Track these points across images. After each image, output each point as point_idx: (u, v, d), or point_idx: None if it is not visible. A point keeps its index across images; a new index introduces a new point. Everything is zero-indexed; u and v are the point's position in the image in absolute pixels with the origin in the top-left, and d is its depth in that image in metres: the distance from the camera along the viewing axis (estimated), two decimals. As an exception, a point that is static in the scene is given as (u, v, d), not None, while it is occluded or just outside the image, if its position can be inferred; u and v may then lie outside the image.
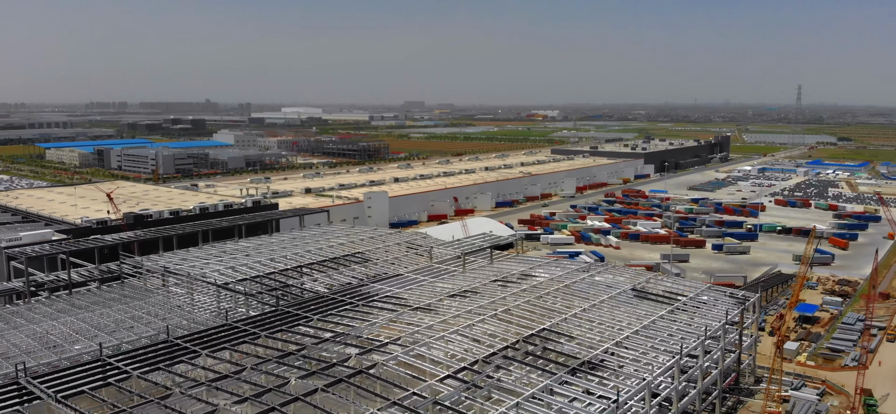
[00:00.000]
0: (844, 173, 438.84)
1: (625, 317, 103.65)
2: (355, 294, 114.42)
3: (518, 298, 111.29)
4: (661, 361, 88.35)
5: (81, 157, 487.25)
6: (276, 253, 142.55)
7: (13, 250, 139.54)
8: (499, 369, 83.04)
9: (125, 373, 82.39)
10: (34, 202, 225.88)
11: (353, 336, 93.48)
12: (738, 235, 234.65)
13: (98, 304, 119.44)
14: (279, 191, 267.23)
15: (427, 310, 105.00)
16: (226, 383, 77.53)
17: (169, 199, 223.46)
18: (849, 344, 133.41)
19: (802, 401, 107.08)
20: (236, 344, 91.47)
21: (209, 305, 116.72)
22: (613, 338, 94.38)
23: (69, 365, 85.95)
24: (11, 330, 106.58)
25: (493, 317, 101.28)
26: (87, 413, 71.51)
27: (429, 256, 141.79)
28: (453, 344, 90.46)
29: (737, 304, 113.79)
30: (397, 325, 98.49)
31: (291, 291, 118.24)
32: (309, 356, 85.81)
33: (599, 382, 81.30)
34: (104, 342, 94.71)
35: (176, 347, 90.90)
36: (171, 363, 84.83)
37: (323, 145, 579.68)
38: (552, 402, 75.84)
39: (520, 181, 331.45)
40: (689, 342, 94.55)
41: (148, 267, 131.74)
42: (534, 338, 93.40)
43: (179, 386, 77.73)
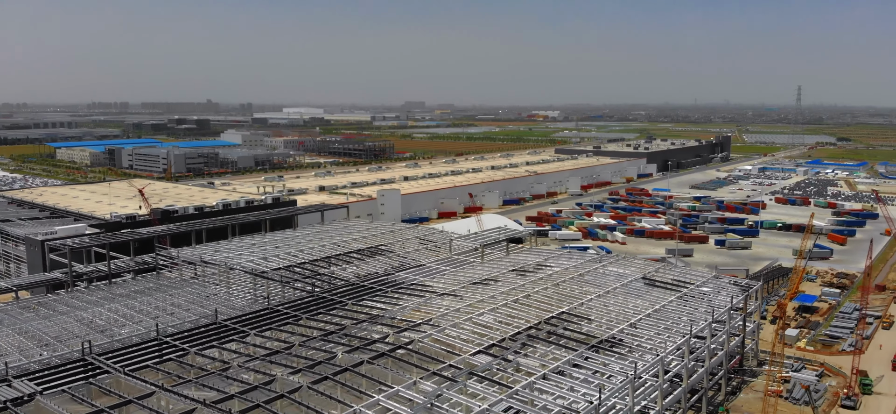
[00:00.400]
0: (843, 173, 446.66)
1: (637, 302, 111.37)
2: (383, 282, 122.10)
3: (536, 285, 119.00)
4: (672, 342, 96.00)
5: (92, 156, 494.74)
6: (303, 245, 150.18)
7: (55, 242, 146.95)
8: (524, 346, 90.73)
9: (182, 349, 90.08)
10: (59, 199, 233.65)
11: (387, 318, 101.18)
12: (740, 231, 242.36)
13: (138, 293, 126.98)
14: (294, 189, 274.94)
15: (452, 295, 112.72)
16: (278, 358, 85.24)
17: (190, 197, 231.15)
18: (846, 331, 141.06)
19: (802, 381, 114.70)
20: (281, 325, 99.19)
21: (245, 293, 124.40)
22: (627, 320, 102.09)
23: (127, 345, 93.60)
24: (60, 316, 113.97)
25: (514, 302, 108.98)
26: (160, 384, 79.00)
27: (448, 249, 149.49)
28: (480, 325, 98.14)
29: (740, 291, 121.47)
30: (426, 308, 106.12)
31: (323, 279, 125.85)
32: (350, 334, 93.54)
33: (618, 358, 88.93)
34: (150, 327, 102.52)
35: (224, 327, 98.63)
36: (224, 341, 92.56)
37: (329, 145, 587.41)
38: (575, 373, 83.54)
39: (526, 180, 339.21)
40: (697, 325, 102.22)
41: (183, 258, 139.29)
42: (554, 320, 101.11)
43: (235, 361, 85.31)
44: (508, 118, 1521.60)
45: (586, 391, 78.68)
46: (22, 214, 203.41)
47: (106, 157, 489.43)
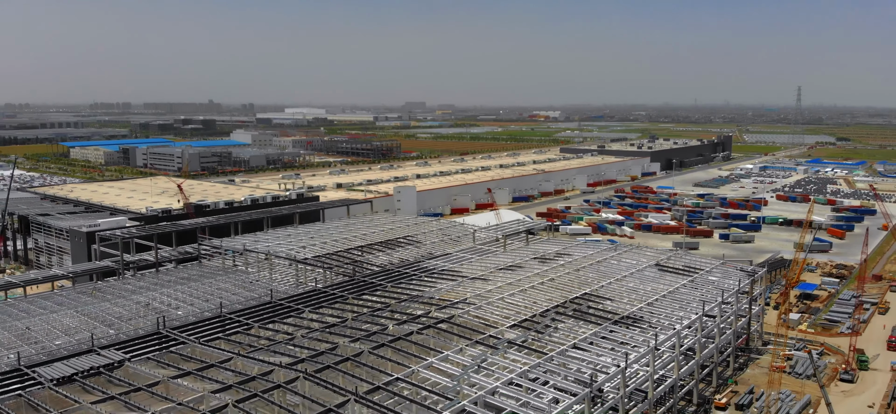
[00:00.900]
0: (842, 171, 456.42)
1: (652, 285, 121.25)
2: (416, 268, 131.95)
3: (558, 270, 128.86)
4: (686, 319, 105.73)
5: (106, 155, 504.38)
6: (334, 236, 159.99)
7: (104, 234, 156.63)
8: (554, 321, 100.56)
9: (246, 324, 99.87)
10: (89, 195, 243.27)
11: (426, 298, 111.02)
12: (743, 226, 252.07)
13: (187, 279, 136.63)
14: (313, 186, 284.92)
15: (482, 279, 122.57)
16: (336, 329, 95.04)
17: (215, 193, 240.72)
18: (844, 316, 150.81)
19: (804, 358, 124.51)
20: (331, 303, 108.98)
21: (288, 278, 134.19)
22: (645, 300, 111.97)
23: (194, 321, 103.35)
24: (119, 298, 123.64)
25: (540, 284, 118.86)
26: (235, 351, 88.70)
27: (472, 239, 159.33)
28: (511, 303, 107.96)
29: (747, 277, 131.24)
30: (459, 290, 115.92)
31: (359, 265, 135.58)
32: (395, 310, 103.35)
33: (638, 331, 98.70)
34: (211, 306, 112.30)
35: (280, 306, 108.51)
36: (283, 317, 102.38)
37: (337, 144, 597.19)
38: (601, 344, 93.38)
39: (534, 178, 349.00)
40: (708, 305, 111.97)
41: (227, 247, 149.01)
42: (577, 299, 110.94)
43: (297, 332, 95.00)
44: (510, 118, 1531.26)
45: (612, 359, 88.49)
46: (57, 208, 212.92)
47: (120, 157, 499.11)
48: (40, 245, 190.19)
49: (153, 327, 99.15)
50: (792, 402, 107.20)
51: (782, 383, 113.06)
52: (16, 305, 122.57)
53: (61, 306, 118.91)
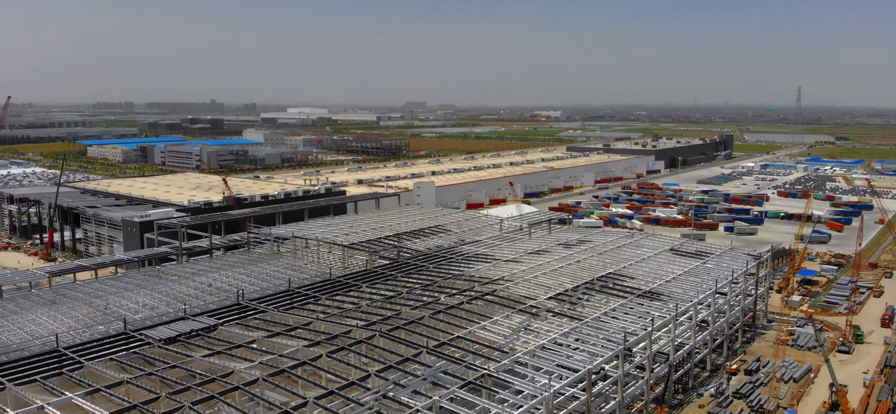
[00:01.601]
0: (841, 170, 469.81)
1: (668, 266, 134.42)
2: (452, 252, 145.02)
3: (582, 254, 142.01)
4: (700, 295, 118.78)
5: (124, 153, 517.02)
6: (371, 225, 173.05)
7: (162, 222, 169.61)
8: (584, 294, 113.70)
9: (314, 297, 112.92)
10: (125, 189, 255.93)
11: (467, 276, 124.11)
12: (747, 219, 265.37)
13: (241, 262, 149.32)
14: (336, 182, 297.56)
15: (515, 262, 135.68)
16: (395, 300, 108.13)
17: (246, 188, 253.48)
18: (842, 298, 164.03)
19: (805, 333, 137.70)
20: (384, 280, 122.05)
21: (335, 262, 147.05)
22: (663, 278, 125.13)
23: (265, 295, 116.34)
24: (186, 279, 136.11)
25: (568, 266, 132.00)
26: (315, 316, 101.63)
27: (499, 227, 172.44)
28: (545, 280, 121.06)
29: (753, 260, 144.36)
30: (496, 270, 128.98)
31: (400, 250, 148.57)
32: (443, 286, 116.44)
33: (660, 304, 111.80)
34: (278, 283, 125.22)
35: (339, 282, 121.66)
36: (345, 291, 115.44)
37: (347, 143, 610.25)
38: (628, 313, 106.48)
39: (544, 175, 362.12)
40: (719, 283, 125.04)
41: (276, 235, 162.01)
42: (603, 278, 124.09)
43: (362, 302, 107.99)
44: (512, 118, 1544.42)
45: (639, 325, 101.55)
46: (99, 202, 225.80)
47: (138, 155, 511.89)
48: (90, 235, 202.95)
49: (232, 300, 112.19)
50: (795, 368, 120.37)
51: (786, 354, 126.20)
52: (86, 287, 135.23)
53: (134, 287, 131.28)
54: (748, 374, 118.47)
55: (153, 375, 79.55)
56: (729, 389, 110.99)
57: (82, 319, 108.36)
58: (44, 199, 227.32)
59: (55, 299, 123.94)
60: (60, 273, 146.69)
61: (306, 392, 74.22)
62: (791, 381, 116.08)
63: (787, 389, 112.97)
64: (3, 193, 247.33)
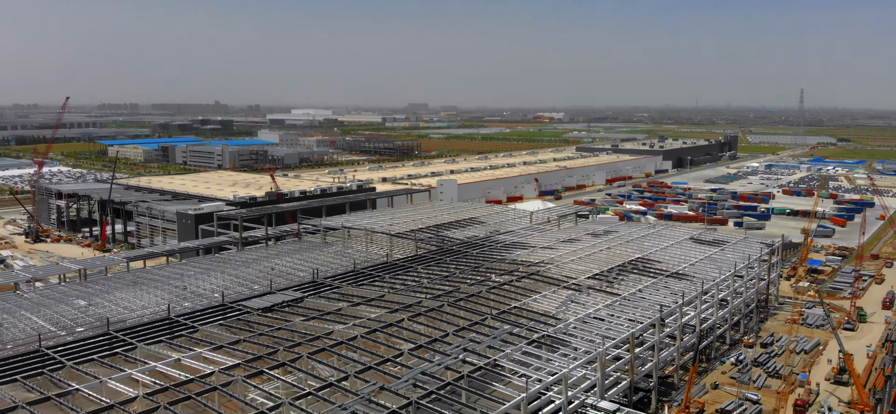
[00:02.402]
0: (843, 170, 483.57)
1: (690, 252, 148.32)
2: (490, 241, 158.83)
3: (610, 242, 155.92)
4: (721, 275, 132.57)
5: (145, 153, 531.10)
6: (410, 217, 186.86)
7: (222, 213, 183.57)
8: (619, 275, 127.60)
9: (378, 276, 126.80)
10: (166, 185, 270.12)
11: (509, 259, 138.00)
12: (755, 215, 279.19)
13: (298, 250, 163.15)
14: (362, 180, 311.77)
15: (550, 249, 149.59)
16: (451, 279, 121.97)
17: (281, 185, 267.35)
18: (846, 285, 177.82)
19: (814, 314, 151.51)
20: (436, 264, 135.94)
21: (383, 250, 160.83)
22: (687, 262, 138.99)
23: (335, 274, 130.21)
24: (252, 264, 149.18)
25: (599, 252, 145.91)
26: (384, 292, 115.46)
27: (530, 219, 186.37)
28: (581, 264, 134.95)
29: (766, 247, 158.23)
30: (534, 255, 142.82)
31: (442, 239, 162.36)
32: (491, 268, 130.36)
33: (686, 283, 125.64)
34: (337, 266, 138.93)
35: (396, 265, 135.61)
36: (404, 272, 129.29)
37: (360, 144, 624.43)
38: (659, 290, 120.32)
39: (558, 174, 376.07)
40: (737, 266, 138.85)
41: (326, 225, 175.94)
42: (633, 262, 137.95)
43: (422, 281, 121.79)
44: (515, 119, 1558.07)
45: (669, 300, 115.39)
46: (147, 197, 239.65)
47: (159, 154, 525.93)
48: (142, 228, 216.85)
49: (307, 279, 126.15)
50: (805, 342, 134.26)
51: (797, 331, 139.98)
52: (160, 271, 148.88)
53: (205, 271, 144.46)
54: (764, 346, 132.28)
55: (263, 335, 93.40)
56: (747, 358, 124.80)
57: (171, 297, 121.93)
58: (90, 195, 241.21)
59: (136, 281, 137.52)
60: (135, 259, 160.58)
61: (400, 346, 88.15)
62: (802, 353, 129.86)
63: (799, 359, 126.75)
64: (50, 190, 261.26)
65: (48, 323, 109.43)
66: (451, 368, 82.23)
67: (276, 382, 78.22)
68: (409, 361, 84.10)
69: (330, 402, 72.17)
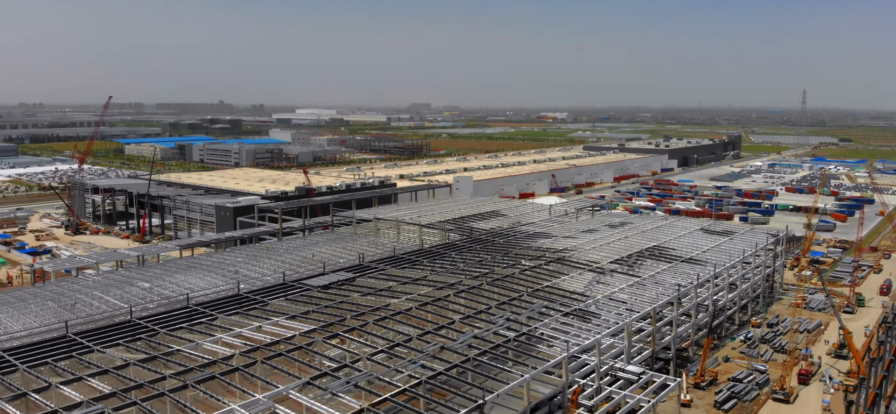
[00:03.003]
0: (845, 168, 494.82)
1: (701, 241, 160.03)
2: (513, 232, 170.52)
3: (627, 233, 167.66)
4: (730, 261, 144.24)
5: (162, 151, 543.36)
6: (435, 210, 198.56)
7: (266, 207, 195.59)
8: (638, 260, 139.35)
9: (417, 260, 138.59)
10: (196, 181, 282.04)
11: (535, 247, 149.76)
12: (759, 211, 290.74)
13: (335, 239, 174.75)
14: (381, 177, 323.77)
15: (571, 238, 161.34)
16: (484, 263, 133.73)
17: (303, 181, 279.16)
18: (846, 274, 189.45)
19: (817, 299, 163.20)
20: (469, 251, 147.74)
21: (414, 240, 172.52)
22: (699, 250, 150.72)
23: (377, 258, 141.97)
24: (295, 251, 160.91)
25: (617, 241, 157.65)
26: (425, 275, 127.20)
27: (549, 212, 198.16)
28: (602, 252, 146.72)
29: (772, 237, 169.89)
30: (557, 243, 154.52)
31: (468, 230, 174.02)
32: (519, 254, 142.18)
33: (700, 267, 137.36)
34: (376, 253, 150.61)
35: (431, 252, 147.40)
36: (441, 258, 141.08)
37: (370, 143, 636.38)
38: (676, 273, 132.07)
39: (567, 171, 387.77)
40: (745, 253, 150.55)
41: (359, 217, 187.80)
42: (649, 249, 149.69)
43: (459, 264, 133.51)
44: (518, 119, 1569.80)
45: (685, 282, 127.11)
46: (181, 192, 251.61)
47: (176, 152, 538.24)
48: (179, 220, 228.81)
49: (354, 261, 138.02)
50: (808, 323, 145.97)
51: (801, 314, 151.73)
52: (209, 259, 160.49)
53: (252, 259, 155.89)
54: (770, 326, 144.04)
55: (329, 307, 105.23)
56: (755, 336, 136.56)
57: (227, 279, 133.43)
58: (126, 190, 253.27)
59: (191, 266, 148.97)
60: (186, 246, 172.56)
61: (450, 316, 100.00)
62: (805, 332, 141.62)
63: (802, 337, 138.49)
64: (86, 185, 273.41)
65: (121, 301, 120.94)
66: (499, 333, 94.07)
67: (350, 343, 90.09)
68: (460, 329, 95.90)
69: (401, 357, 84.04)
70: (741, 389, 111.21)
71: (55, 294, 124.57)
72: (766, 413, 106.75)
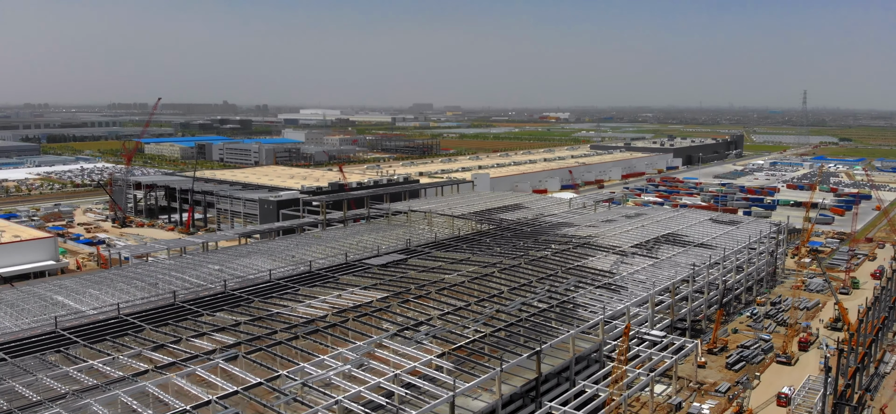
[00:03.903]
0: (844, 167, 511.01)
1: (710, 229, 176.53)
2: (539, 221, 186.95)
3: (643, 222, 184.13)
4: (737, 246, 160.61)
5: (182, 151, 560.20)
6: (463, 203, 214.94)
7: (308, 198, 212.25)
8: (656, 245, 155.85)
9: (458, 246, 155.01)
10: (230, 177, 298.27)
11: (561, 234, 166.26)
12: (762, 206, 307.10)
13: (374, 229, 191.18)
14: (402, 174, 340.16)
15: (592, 227, 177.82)
16: (518, 247, 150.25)
17: (331, 178, 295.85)
18: (842, 261, 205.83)
19: (814, 283, 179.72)
20: (499, 239, 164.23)
21: (445, 228, 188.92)
22: (709, 236, 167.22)
23: (422, 243, 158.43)
24: (339, 239, 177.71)
25: (635, 229, 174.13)
26: (467, 256, 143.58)
27: (568, 205, 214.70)
28: (623, 238, 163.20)
29: (774, 226, 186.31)
30: (581, 232, 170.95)
31: (496, 221, 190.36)
32: (549, 239, 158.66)
33: (711, 251, 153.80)
34: (419, 238, 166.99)
35: (468, 238, 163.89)
36: (478, 243, 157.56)
37: (382, 143, 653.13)
38: (690, 255, 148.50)
39: (577, 169, 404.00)
40: (751, 239, 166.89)
41: (394, 209, 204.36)
42: (664, 236, 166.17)
43: (495, 249, 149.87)
44: (522, 120, 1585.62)
45: (698, 262, 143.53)
46: (220, 188, 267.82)
47: (195, 152, 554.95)
48: (222, 212, 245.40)
49: (402, 246, 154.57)
50: (807, 302, 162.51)
51: (801, 294, 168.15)
52: (266, 245, 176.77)
53: (303, 245, 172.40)
54: (773, 305, 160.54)
55: (392, 282, 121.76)
56: (760, 312, 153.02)
57: (286, 263, 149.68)
58: (164, 185, 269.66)
59: (250, 253, 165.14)
60: (243, 235, 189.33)
61: (498, 288, 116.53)
62: (805, 309, 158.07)
63: (802, 314, 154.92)
64: (129, 181, 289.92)
65: (200, 280, 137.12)
66: (542, 301, 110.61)
67: (419, 307, 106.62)
68: (509, 298, 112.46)
69: (464, 318, 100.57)
70: (749, 354, 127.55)
71: (137, 275, 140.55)
72: (770, 373, 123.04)
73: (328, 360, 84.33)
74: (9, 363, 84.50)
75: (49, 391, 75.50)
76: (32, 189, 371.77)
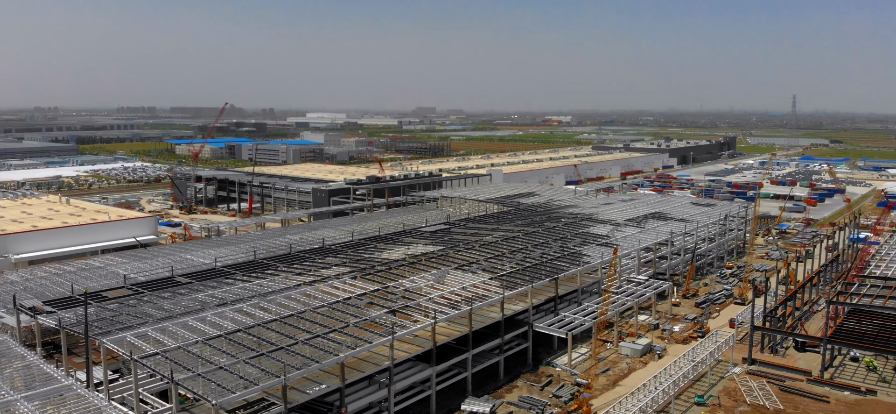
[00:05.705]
0: (827, 165, 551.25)
1: (691, 209, 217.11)
2: (551, 205, 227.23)
3: (635, 204, 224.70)
4: (712, 220, 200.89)
5: (213, 151, 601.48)
6: (484, 191, 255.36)
7: (357, 188, 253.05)
8: (644, 219, 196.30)
9: (487, 221, 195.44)
10: (277, 172, 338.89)
11: (568, 213, 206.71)
12: (744, 198, 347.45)
13: (409, 212, 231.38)
14: (425, 171, 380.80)
15: (594, 208, 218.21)
16: (535, 222, 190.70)
17: (363, 174, 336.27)
18: (805, 240, 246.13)
19: (776, 255, 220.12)
20: (523, 220, 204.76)
21: (476, 210, 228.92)
22: (689, 214, 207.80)
23: (455, 221, 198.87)
24: (386, 218, 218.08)
25: (628, 209, 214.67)
26: (496, 227, 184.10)
27: (574, 193, 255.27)
28: (618, 215, 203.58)
29: (745, 205, 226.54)
30: (584, 211, 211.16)
31: (518, 206, 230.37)
32: (558, 216, 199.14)
33: (688, 223, 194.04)
34: (455, 217, 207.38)
35: (496, 216, 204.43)
36: (502, 220, 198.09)
37: (396, 144, 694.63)
38: (670, 226, 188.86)
39: (581, 167, 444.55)
40: (723, 215, 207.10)
41: (428, 196, 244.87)
42: (652, 214, 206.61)
43: (516, 222, 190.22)
44: (524, 123, 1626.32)
45: (676, 231, 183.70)
46: (273, 181, 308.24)
47: (226, 152, 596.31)
48: (279, 200, 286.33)
49: (444, 220, 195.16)
50: (767, 266, 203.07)
51: (763, 261, 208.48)
52: (331, 223, 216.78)
53: (358, 223, 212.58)
54: (739, 268, 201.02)
55: (443, 241, 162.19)
56: (727, 273, 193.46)
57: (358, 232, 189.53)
58: (223, 178, 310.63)
59: (321, 227, 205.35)
60: (309, 215, 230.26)
61: (525, 244, 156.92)
62: (763, 271, 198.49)
63: (760, 275, 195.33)
64: (189, 174, 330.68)
65: (305, 243, 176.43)
66: (556, 252, 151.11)
67: (468, 254, 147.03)
68: (531, 250, 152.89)
69: (501, 260, 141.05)
70: (713, 297, 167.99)
71: (236, 239, 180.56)
72: (729, 310, 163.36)
73: (417, 279, 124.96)
74: (197, 285, 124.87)
75: (243, 292, 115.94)
76: (90, 185, 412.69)
